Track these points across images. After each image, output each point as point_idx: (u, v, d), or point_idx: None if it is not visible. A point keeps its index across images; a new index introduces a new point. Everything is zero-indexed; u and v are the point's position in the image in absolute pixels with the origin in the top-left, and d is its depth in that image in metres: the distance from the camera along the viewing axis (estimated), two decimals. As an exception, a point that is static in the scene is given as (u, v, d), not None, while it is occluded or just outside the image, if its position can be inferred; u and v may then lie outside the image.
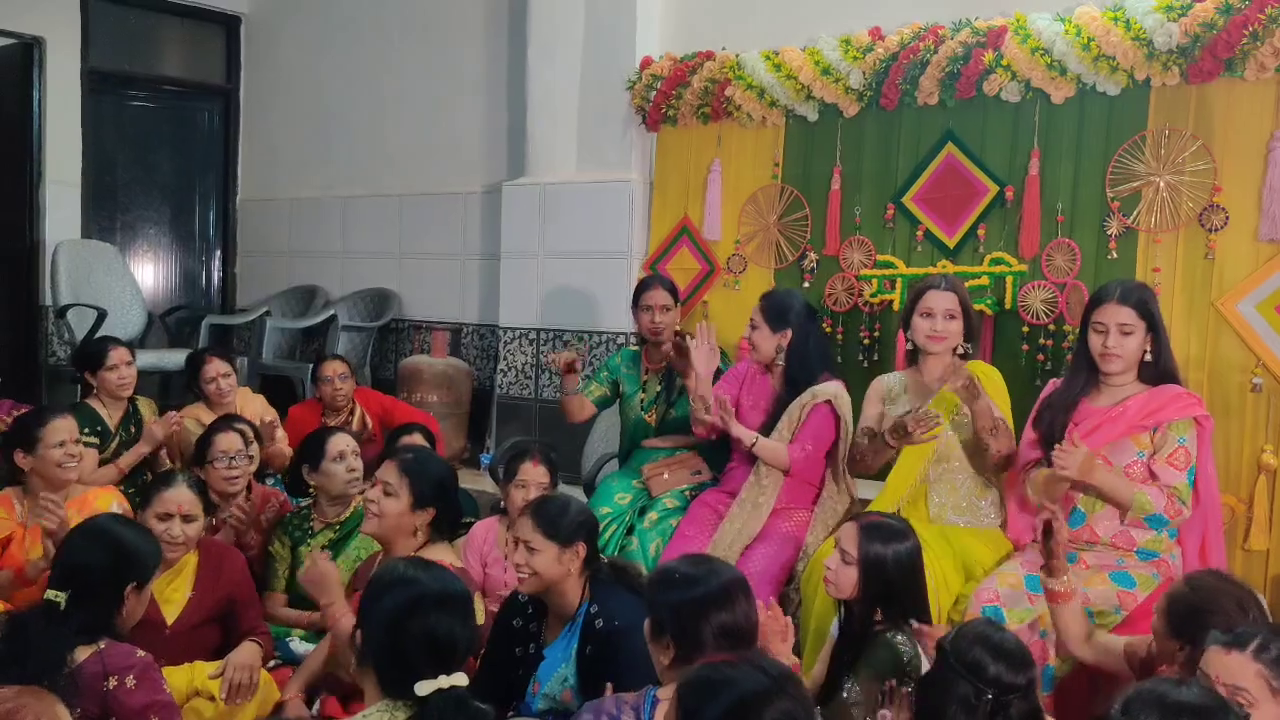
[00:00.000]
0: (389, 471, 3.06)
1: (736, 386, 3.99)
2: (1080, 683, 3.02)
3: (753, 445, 3.73)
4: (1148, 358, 3.24)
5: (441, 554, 2.98)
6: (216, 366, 4.74)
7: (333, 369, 4.89)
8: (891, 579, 2.68)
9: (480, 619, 2.91)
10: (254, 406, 4.90)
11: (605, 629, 2.73)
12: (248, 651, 3.12)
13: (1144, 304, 3.23)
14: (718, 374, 4.11)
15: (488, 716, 2.15)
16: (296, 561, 3.82)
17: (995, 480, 3.57)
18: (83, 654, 2.44)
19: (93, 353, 4.55)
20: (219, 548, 3.41)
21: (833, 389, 3.79)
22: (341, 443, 3.93)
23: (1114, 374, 3.27)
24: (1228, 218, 3.88)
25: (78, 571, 2.56)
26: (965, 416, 3.50)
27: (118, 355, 4.51)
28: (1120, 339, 3.21)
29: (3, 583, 3.23)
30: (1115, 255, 4.10)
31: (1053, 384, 3.51)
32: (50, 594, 2.52)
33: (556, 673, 2.81)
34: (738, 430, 3.73)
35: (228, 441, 3.93)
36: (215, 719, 2.99)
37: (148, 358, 6.12)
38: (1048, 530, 2.72)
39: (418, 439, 4.22)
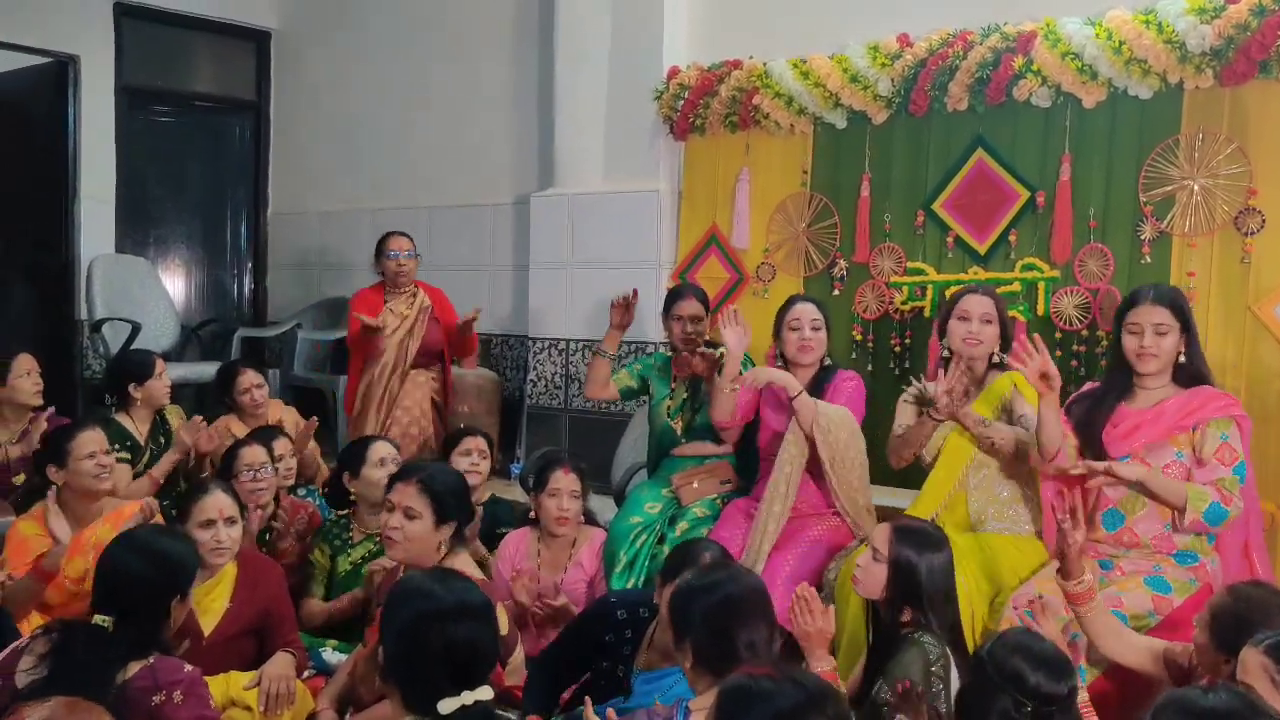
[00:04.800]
0: (408, 494, 2.98)
1: (757, 392, 4.01)
2: (1111, 687, 2.98)
3: (796, 396, 3.71)
4: (1181, 359, 3.25)
5: (459, 564, 2.97)
6: (250, 378, 4.81)
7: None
8: (920, 585, 2.67)
9: (504, 630, 2.91)
10: (285, 418, 4.93)
11: None
12: (283, 662, 3.13)
13: (1178, 305, 3.26)
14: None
15: None
16: (335, 570, 3.86)
17: (1033, 488, 3.55)
18: (133, 668, 2.42)
19: (141, 364, 4.61)
20: (258, 560, 3.44)
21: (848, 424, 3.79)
22: (382, 449, 3.96)
23: (1150, 374, 3.26)
24: (1264, 220, 3.84)
25: (122, 588, 2.52)
26: (1006, 424, 3.48)
27: (162, 365, 4.61)
28: (1156, 339, 3.22)
29: (31, 588, 3.23)
30: (1149, 260, 4.06)
31: (1090, 385, 3.50)
32: (98, 619, 2.48)
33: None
34: (782, 378, 3.71)
35: (252, 455, 3.98)
36: (251, 729, 3.01)
37: (181, 370, 6.18)
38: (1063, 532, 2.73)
39: (480, 443, 4.24)
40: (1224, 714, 1.78)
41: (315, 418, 4.76)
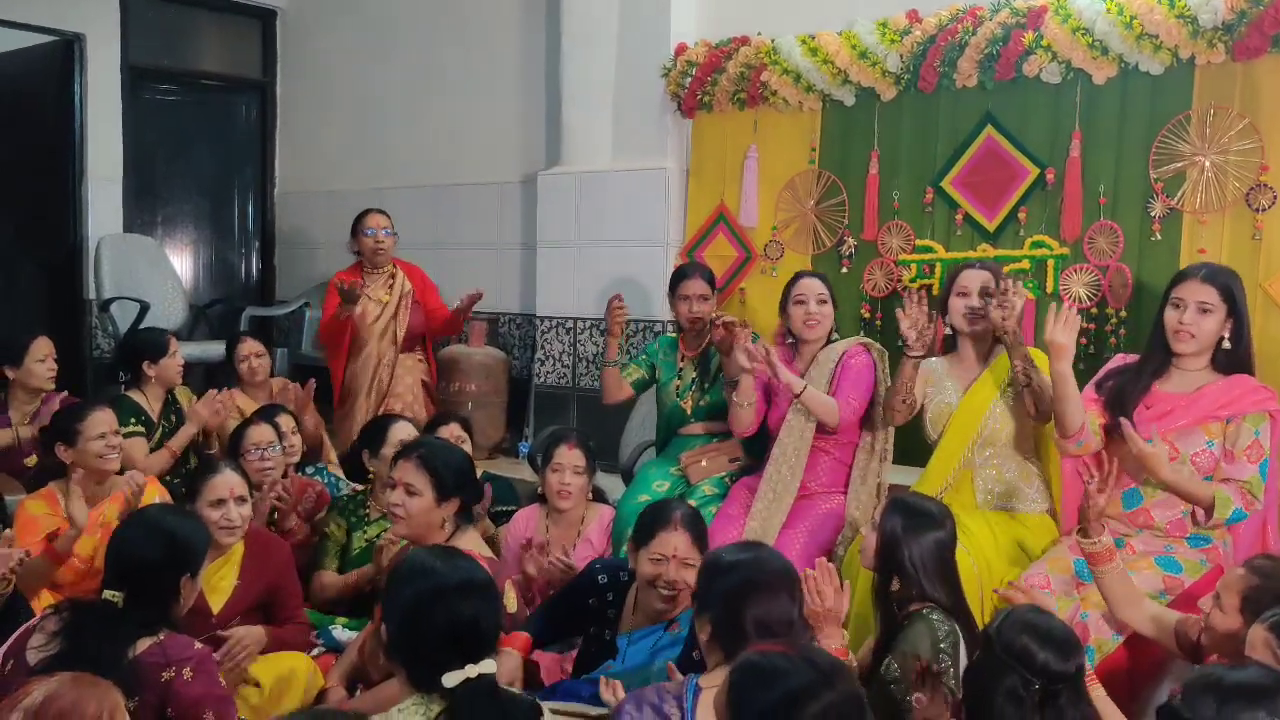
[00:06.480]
0: (407, 471, 2.99)
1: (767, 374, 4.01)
2: (1119, 666, 2.98)
3: (801, 393, 3.71)
4: (1225, 344, 3.15)
5: (467, 542, 2.98)
6: (249, 346, 4.90)
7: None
8: (903, 556, 2.67)
9: (512, 608, 2.93)
10: (287, 395, 4.96)
11: None
12: (261, 634, 3.15)
13: (1228, 288, 3.14)
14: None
15: (520, 703, 2.16)
16: (350, 546, 3.88)
17: (1041, 465, 3.54)
18: (143, 645, 2.45)
19: (156, 342, 4.64)
20: (265, 537, 3.46)
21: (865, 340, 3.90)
22: (403, 431, 3.97)
23: (1186, 355, 3.17)
24: (1275, 197, 3.81)
25: (133, 568, 2.54)
26: (1012, 400, 3.47)
27: (176, 344, 4.64)
28: (1197, 317, 3.11)
29: (43, 567, 3.25)
30: (1159, 237, 4.04)
31: (1120, 358, 3.45)
32: (108, 594, 2.52)
33: (650, 668, 2.83)
34: (785, 376, 3.71)
35: (259, 434, 4.00)
36: (261, 705, 3.03)
37: (189, 349, 6.19)
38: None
39: (455, 429, 4.24)
40: (1254, 688, 1.79)
41: (313, 380, 4.78)
